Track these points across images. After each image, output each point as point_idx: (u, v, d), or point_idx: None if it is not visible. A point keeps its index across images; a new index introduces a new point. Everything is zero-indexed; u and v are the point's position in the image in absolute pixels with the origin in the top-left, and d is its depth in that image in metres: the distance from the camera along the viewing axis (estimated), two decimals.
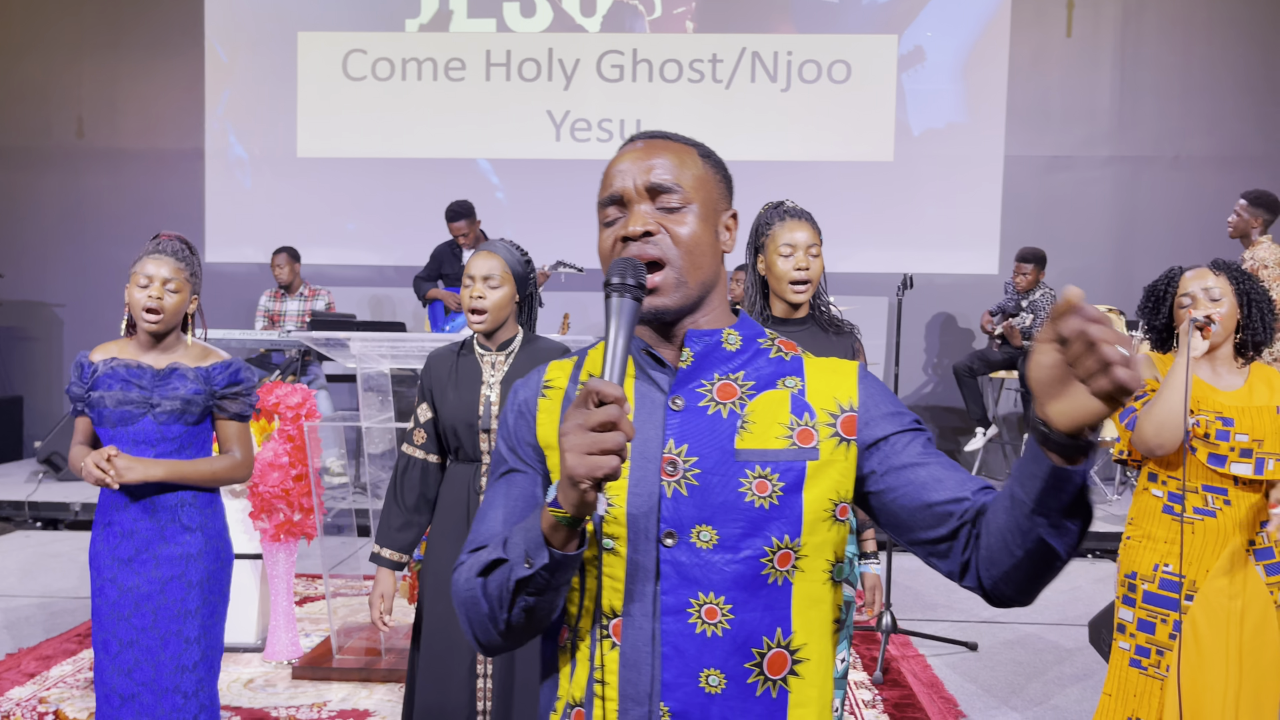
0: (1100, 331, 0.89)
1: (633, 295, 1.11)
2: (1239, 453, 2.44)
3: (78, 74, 8.13)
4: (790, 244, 2.56)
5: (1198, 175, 7.50)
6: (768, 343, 1.26)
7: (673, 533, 1.14)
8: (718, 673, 1.13)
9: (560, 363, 1.30)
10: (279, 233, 7.63)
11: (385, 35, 7.95)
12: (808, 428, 1.19)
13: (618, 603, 1.16)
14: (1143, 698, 2.51)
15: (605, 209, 1.22)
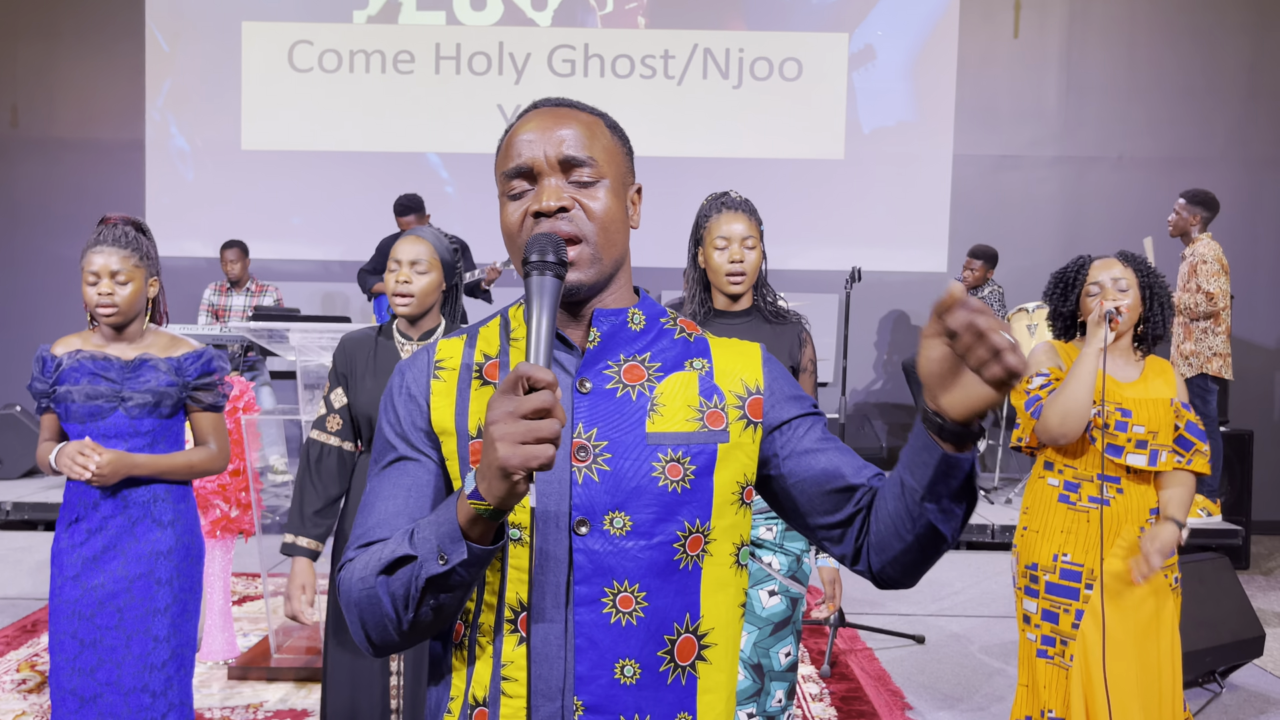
0: (987, 321, 0.93)
1: (554, 273, 1.07)
2: (1135, 444, 2.51)
3: (11, 60, 7.89)
4: (725, 236, 2.54)
5: (1141, 175, 7.62)
6: (670, 323, 1.23)
7: (585, 520, 1.10)
8: (633, 663, 1.10)
9: (450, 340, 1.22)
10: (222, 227, 7.47)
11: (332, 26, 7.82)
12: (717, 410, 1.16)
13: (524, 595, 1.10)
14: (1051, 688, 2.54)
15: (510, 180, 1.16)
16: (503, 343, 1.21)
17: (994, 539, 5.65)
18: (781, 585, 2.48)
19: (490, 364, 1.19)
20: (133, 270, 2.42)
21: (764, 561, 2.49)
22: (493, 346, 1.21)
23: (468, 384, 1.18)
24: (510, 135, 1.18)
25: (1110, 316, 2.48)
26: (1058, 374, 2.55)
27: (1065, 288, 2.63)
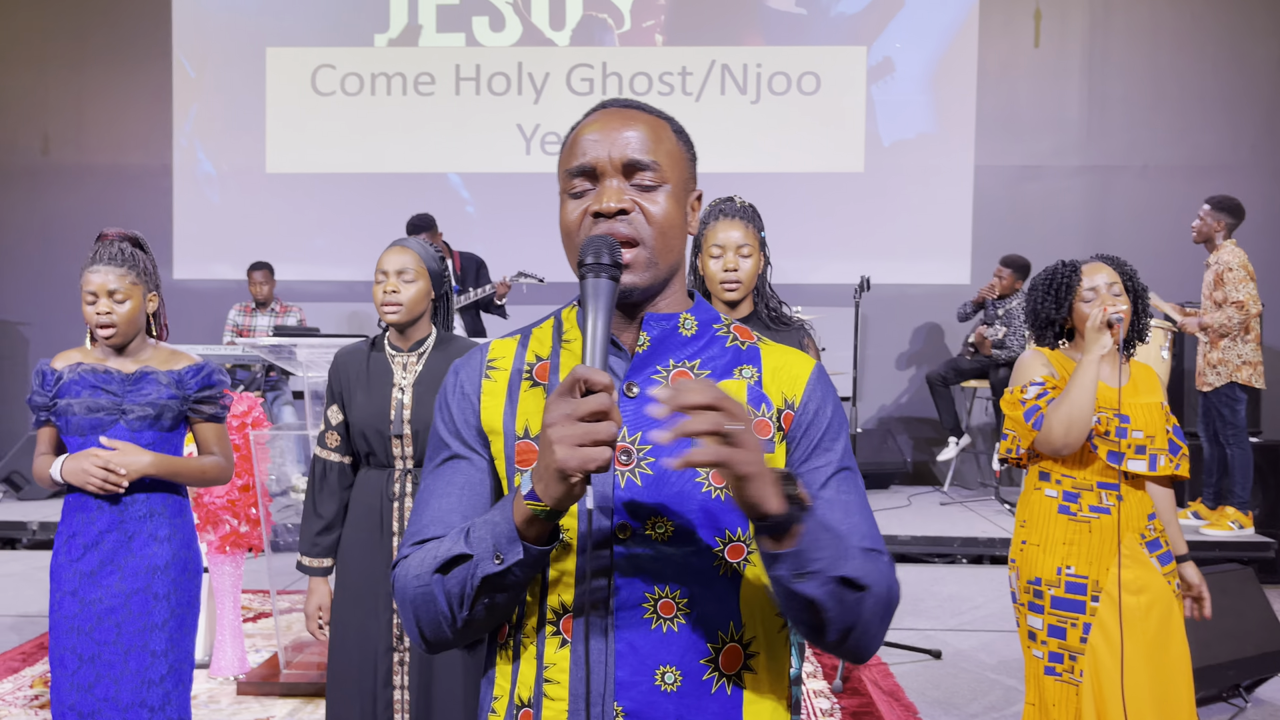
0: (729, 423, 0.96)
1: (609, 275, 1.06)
2: (1134, 449, 2.45)
3: (42, 89, 8.07)
4: (720, 245, 2.53)
5: (1167, 184, 7.51)
6: (723, 329, 1.21)
7: (626, 525, 1.09)
8: (674, 670, 1.09)
9: (503, 340, 1.23)
10: (248, 249, 7.56)
11: (354, 50, 7.93)
12: (764, 419, 1.15)
13: (568, 598, 1.11)
14: (1061, 705, 2.47)
15: (573, 179, 1.15)
16: (555, 344, 1.20)
17: None
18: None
19: (541, 365, 1.19)
20: (130, 288, 2.43)
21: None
22: (545, 348, 1.21)
23: (518, 385, 1.19)
24: (576, 133, 1.17)
25: (1113, 323, 2.43)
26: (1053, 382, 2.49)
27: (1058, 294, 2.55)
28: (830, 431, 1.17)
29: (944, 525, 5.92)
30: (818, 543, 1.02)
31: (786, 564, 1.01)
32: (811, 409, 1.17)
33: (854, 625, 1.07)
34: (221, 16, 7.99)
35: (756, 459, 0.97)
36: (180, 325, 7.65)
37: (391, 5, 7.90)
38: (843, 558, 1.04)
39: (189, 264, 8.00)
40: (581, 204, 1.14)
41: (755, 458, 0.97)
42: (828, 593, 1.03)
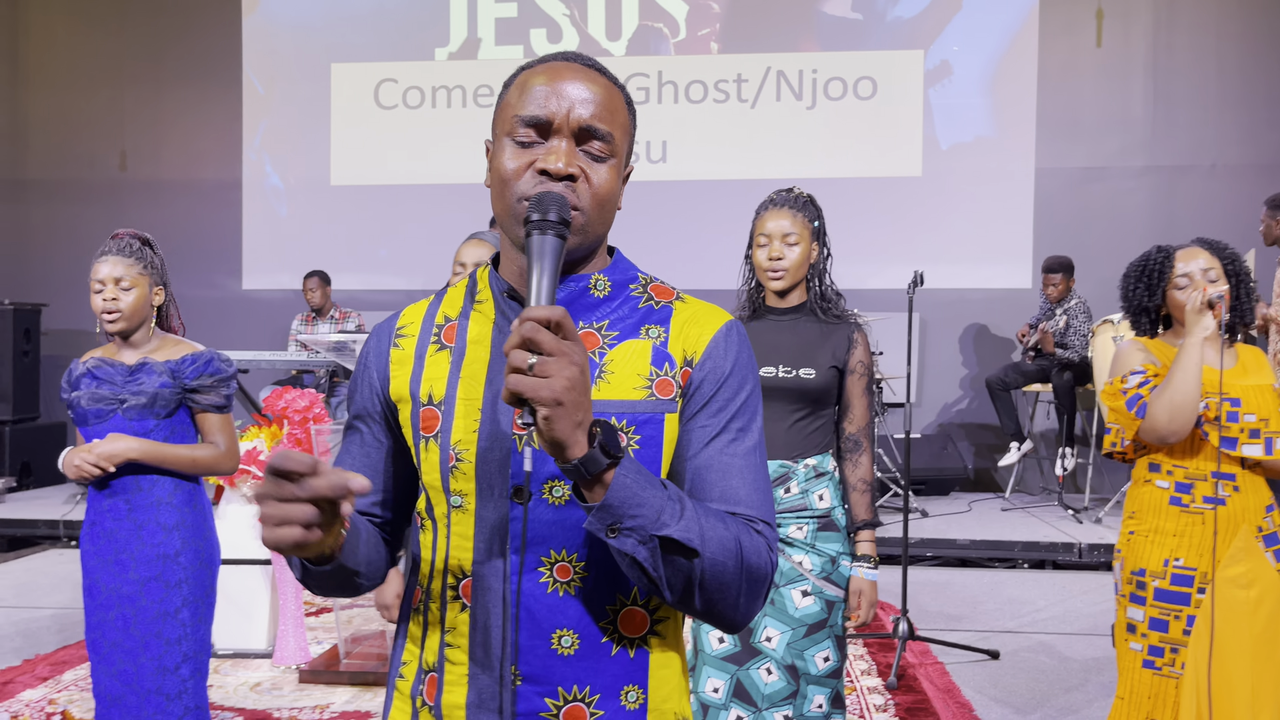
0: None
1: (556, 233, 1.04)
2: (1248, 434, 2.35)
3: (120, 108, 8.39)
4: (766, 234, 2.54)
5: (1236, 183, 7.33)
6: (639, 289, 1.19)
7: (522, 489, 1.07)
8: (571, 633, 1.09)
9: (416, 305, 1.23)
10: (313, 259, 7.76)
11: (415, 64, 8.10)
12: (667, 378, 1.12)
13: (467, 562, 1.11)
14: (1158, 699, 2.40)
15: (524, 127, 1.10)
16: (466, 305, 1.19)
17: (1081, 558, 5.45)
18: (815, 586, 2.42)
19: (449, 326, 1.18)
20: (136, 278, 2.51)
21: (794, 560, 2.43)
22: (455, 308, 1.19)
23: (425, 350, 1.18)
24: (532, 77, 1.13)
25: (1214, 303, 2.35)
26: (1155, 370, 2.43)
27: (1150, 282, 2.50)
28: (725, 389, 1.13)
29: (1005, 530, 5.83)
30: (635, 498, 0.98)
31: (596, 517, 0.98)
32: (709, 366, 1.13)
33: (691, 589, 1.03)
34: (289, 35, 8.24)
35: (550, 394, 0.92)
36: (248, 333, 7.92)
37: (452, 19, 8.07)
38: (670, 518, 0.99)
39: (257, 274, 8.23)
40: (528, 155, 1.10)
41: (548, 392, 0.92)
42: (649, 551, 0.99)
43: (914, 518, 6.17)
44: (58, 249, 8.38)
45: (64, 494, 7.02)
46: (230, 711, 3.29)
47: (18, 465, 7.28)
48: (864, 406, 2.57)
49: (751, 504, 1.10)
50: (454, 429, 1.12)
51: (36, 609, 4.71)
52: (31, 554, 5.97)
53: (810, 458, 2.48)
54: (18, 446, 7.29)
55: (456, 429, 1.12)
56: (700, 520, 1.02)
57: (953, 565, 5.56)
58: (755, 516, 1.10)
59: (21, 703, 3.35)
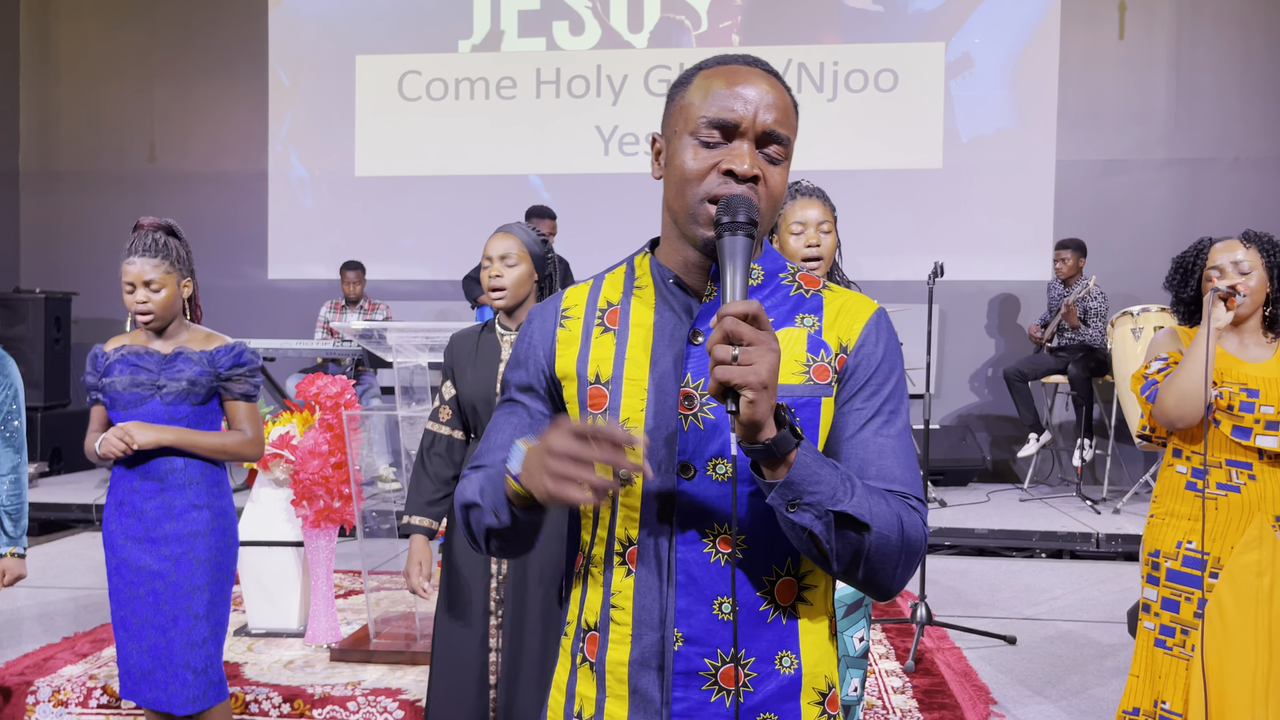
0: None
1: (745, 233, 1.11)
2: (1264, 425, 2.39)
3: (149, 100, 8.51)
4: (801, 222, 2.60)
5: (1259, 176, 7.32)
6: (789, 278, 1.26)
7: (689, 465, 1.16)
8: (730, 600, 1.15)
9: (577, 288, 1.30)
10: (339, 250, 7.87)
11: (439, 56, 8.18)
12: (824, 364, 1.19)
13: (633, 531, 1.18)
14: (1168, 679, 2.45)
15: (710, 128, 1.16)
16: (626, 290, 1.26)
17: (1098, 548, 5.48)
18: None
19: (611, 311, 1.26)
20: (164, 277, 2.61)
21: None
22: (616, 293, 1.27)
23: (590, 331, 1.26)
24: (716, 80, 1.18)
25: (1226, 295, 2.41)
26: (1177, 357, 2.49)
27: (1185, 273, 2.58)
28: (878, 375, 1.20)
29: (1023, 520, 5.87)
30: (814, 476, 1.06)
31: (779, 493, 1.06)
32: (863, 353, 1.20)
33: (858, 560, 1.10)
34: (313, 28, 8.33)
35: (757, 379, 0.99)
36: (274, 322, 8.03)
37: (475, 12, 8.14)
38: (844, 494, 1.07)
39: (283, 265, 8.33)
40: (712, 156, 1.16)
41: (755, 378, 0.99)
42: (825, 525, 1.07)
43: (933, 507, 6.21)
44: (88, 239, 8.52)
45: (95, 478, 7.17)
46: (265, 687, 3.39)
47: (49, 450, 7.43)
48: None
49: (906, 482, 1.17)
50: (622, 407, 1.20)
51: (73, 589, 4.84)
52: (64, 537, 6.10)
53: None
54: (49, 432, 7.43)
55: (625, 407, 1.20)
56: (869, 497, 1.10)
57: (970, 555, 5.61)
58: (910, 494, 1.17)
59: (63, 678, 3.46)
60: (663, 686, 1.16)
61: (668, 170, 1.20)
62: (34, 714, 3.35)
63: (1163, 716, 2.44)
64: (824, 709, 1.21)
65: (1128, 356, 5.72)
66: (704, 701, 1.16)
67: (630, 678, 1.18)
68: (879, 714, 3.17)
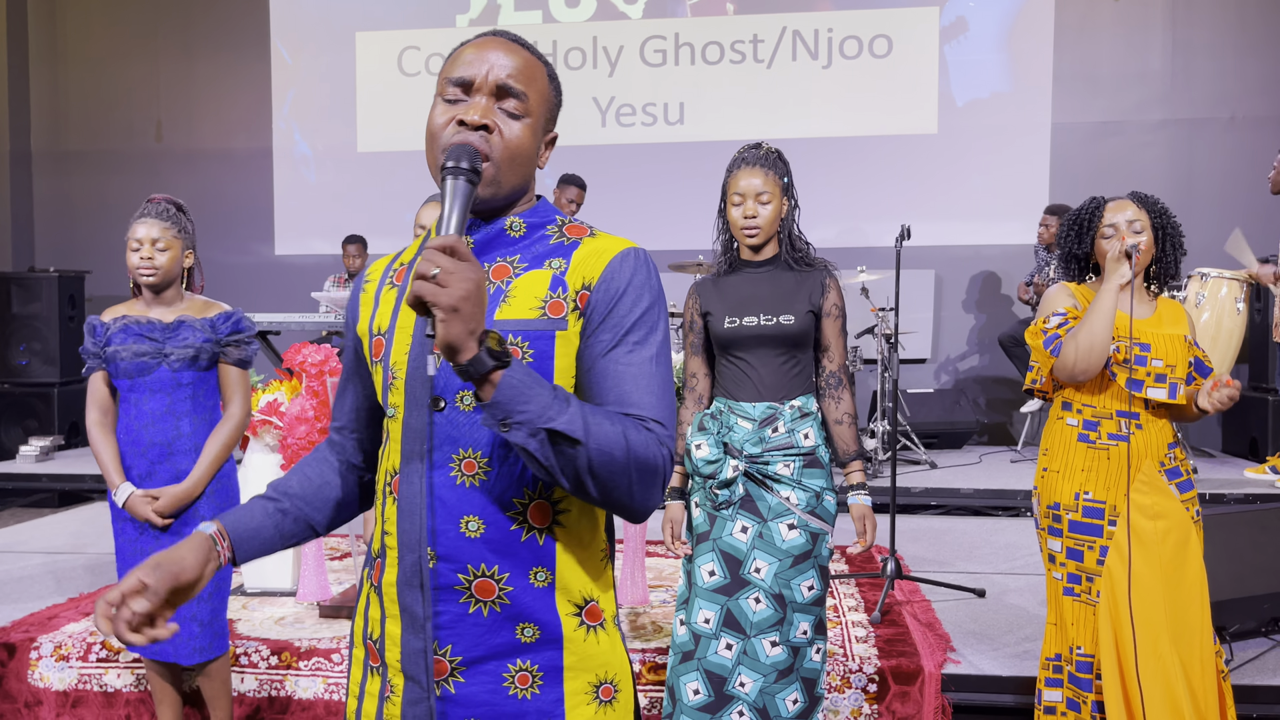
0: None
1: (467, 178, 1.21)
2: (1154, 378, 2.50)
3: (155, 80, 8.66)
4: (740, 193, 2.68)
5: (1255, 136, 7.30)
6: (554, 229, 1.35)
7: (440, 398, 1.27)
8: (476, 519, 1.26)
9: (380, 261, 1.45)
10: (342, 225, 8.01)
11: (437, 31, 8.27)
12: (559, 300, 1.28)
13: (397, 462, 1.30)
14: (1079, 625, 2.57)
15: (451, 86, 1.30)
16: (419, 251, 1.36)
17: None
18: (800, 520, 2.60)
19: (400, 269, 1.39)
20: (171, 240, 2.79)
21: (782, 496, 2.61)
22: (409, 255, 1.41)
23: (381, 289, 1.40)
24: (463, 47, 1.33)
25: (1130, 253, 2.51)
26: (1075, 313, 2.57)
27: (1080, 230, 2.65)
28: (620, 307, 1.27)
29: (1011, 480, 5.95)
30: (521, 395, 1.13)
31: (489, 412, 1.14)
32: (603, 288, 1.28)
33: (581, 477, 1.17)
34: (314, 5, 8.43)
35: (447, 300, 1.06)
36: (281, 297, 8.19)
37: None
38: (556, 413, 1.14)
39: (288, 240, 8.49)
40: (451, 110, 1.29)
41: (446, 299, 1.06)
42: (539, 443, 1.14)
43: (922, 469, 6.30)
44: (99, 218, 8.71)
45: None
46: (255, 641, 3.55)
47: (66, 425, 7.65)
48: (840, 346, 2.74)
49: (643, 405, 1.25)
50: (392, 352, 1.33)
51: (87, 554, 5.03)
52: (82, 507, 6.32)
53: (795, 399, 2.66)
54: (65, 407, 7.65)
55: (394, 352, 1.32)
56: (585, 416, 1.17)
57: (956, 514, 5.70)
58: (646, 415, 1.24)
59: (65, 634, 3.64)
60: (424, 601, 1.27)
61: (426, 131, 1.34)
62: (37, 668, 3.54)
63: (1079, 661, 2.56)
64: (582, 619, 1.31)
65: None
66: (462, 614, 1.27)
67: (399, 596, 1.29)
68: (839, 660, 3.29)
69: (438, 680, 1.28)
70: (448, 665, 1.27)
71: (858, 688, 3.24)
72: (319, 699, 3.40)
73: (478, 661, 1.27)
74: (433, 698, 1.28)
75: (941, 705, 3.21)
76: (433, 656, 1.28)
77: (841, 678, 3.25)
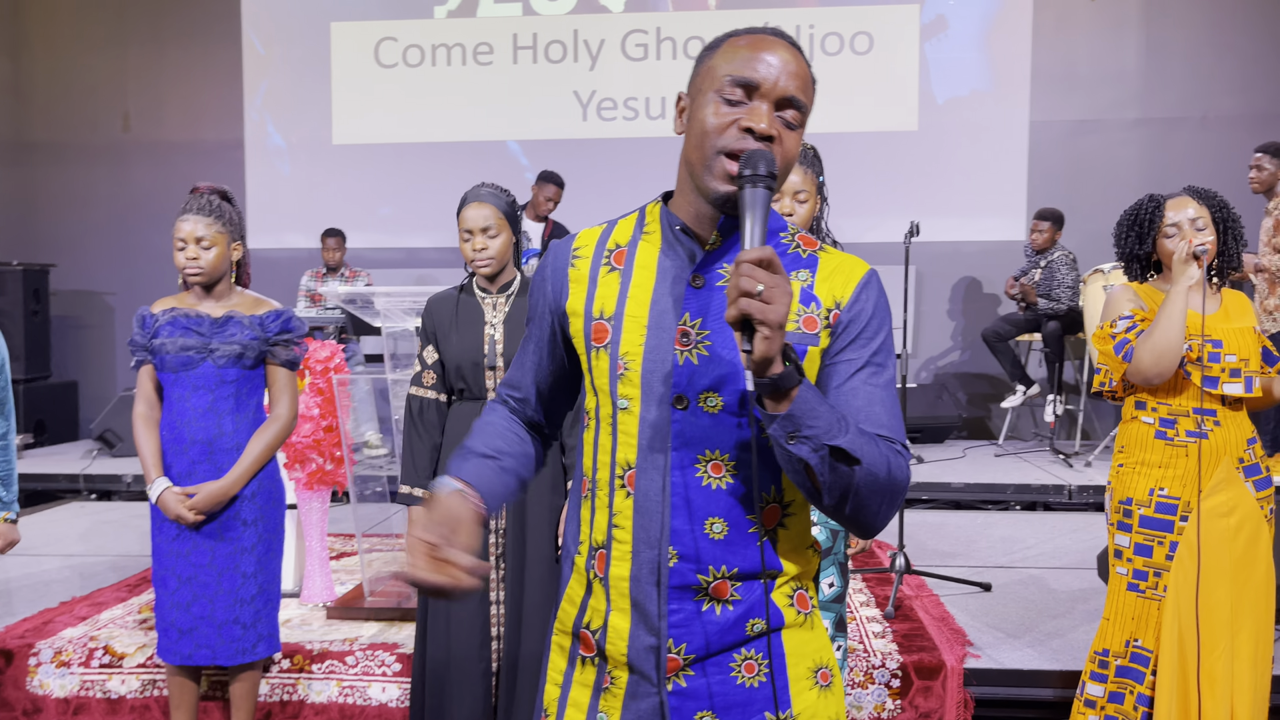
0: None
1: (765, 186, 1.18)
2: (1229, 373, 2.50)
3: (122, 70, 8.44)
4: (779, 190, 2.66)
5: (1227, 135, 7.44)
6: (788, 238, 1.35)
7: (683, 397, 1.26)
8: (721, 521, 1.27)
9: (590, 230, 1.41)
10: (317, 218, 7.86)
11: (414, 23, 8.15)
12: (813, 316, 1.29)
13: (632, 457, 1.29)
14: (1140, 620, 2.57)
15: (734, 86, 1.24)
16: (635, 234, 1.36)
17: (1070, 499, 5.64)
18: (820, 517, 2.59)
19: (619, 251, 1.36)
20: (216, 236, 2.69)
21: None
22: (625, 236, 1.37)
23: (598, 270, 1.36)
24: (743, 45, 1.26)
25: (1199, 255, 2.48)
26: (1142, 315, 2.56)
27: (1141, 231, 2.63)
28: (868, 330, 1.29)
29: (998, 474, 6.02)
30: (813, 412, 1.14)
31: (780, 424, 1.14)
32: (855, 309, 1.29)
33: (847, 494, 1.18)
34: None
35: (775, 317, 1.07)
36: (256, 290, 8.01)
37: None
38: (839, 431, 1.15)
39: (262, 234, 8.32)
40: (732, 112, 1.24)
41: (774, 315, 1.06)
42: (820, 458, 1.15)
43: (911, 463, 6.34)
44: (64, 210, 8.48)
45: (80, 449, 7.19)
46: None
47: (32, 423, 7.43)
48: None
49: (892, 428, 1.26)
50: (622, 341, 1.30)
51: (73, 556, 4.89)
52: (53, 507, 6.14)
53: None
54: (31, 404, 7.44)
55: (625, 342, 1.29)
56: (860, 437, 1.18)
57: (947, 508, 5.75)
58: (895, 439, 1.25)
59: (64, 639, 3.53)
60: (659, 600, 1.27)
61: (690, 125, 1.29)
62: (36, 675, 3.42)
63: (1135, 654, 2.57)
64: (794, 604, 1.33)
65: (1099, 313, 5.85)
66: (696, 611, 1.27)
67: (630, 592, 1.29)
68: (861, 656, 3.29)
69: (669, 675, 1.28)
70: (680, 661, 1.28)
71: (881, 683, 3.25)
72: (333, 703, 3.33)
73: (709, 656, 1.28)
74: (664, 692, 1.28)
75: (964, 699, 3.23)
76: (666, 654, 1.28)
77: (865, 674, 3.25)
